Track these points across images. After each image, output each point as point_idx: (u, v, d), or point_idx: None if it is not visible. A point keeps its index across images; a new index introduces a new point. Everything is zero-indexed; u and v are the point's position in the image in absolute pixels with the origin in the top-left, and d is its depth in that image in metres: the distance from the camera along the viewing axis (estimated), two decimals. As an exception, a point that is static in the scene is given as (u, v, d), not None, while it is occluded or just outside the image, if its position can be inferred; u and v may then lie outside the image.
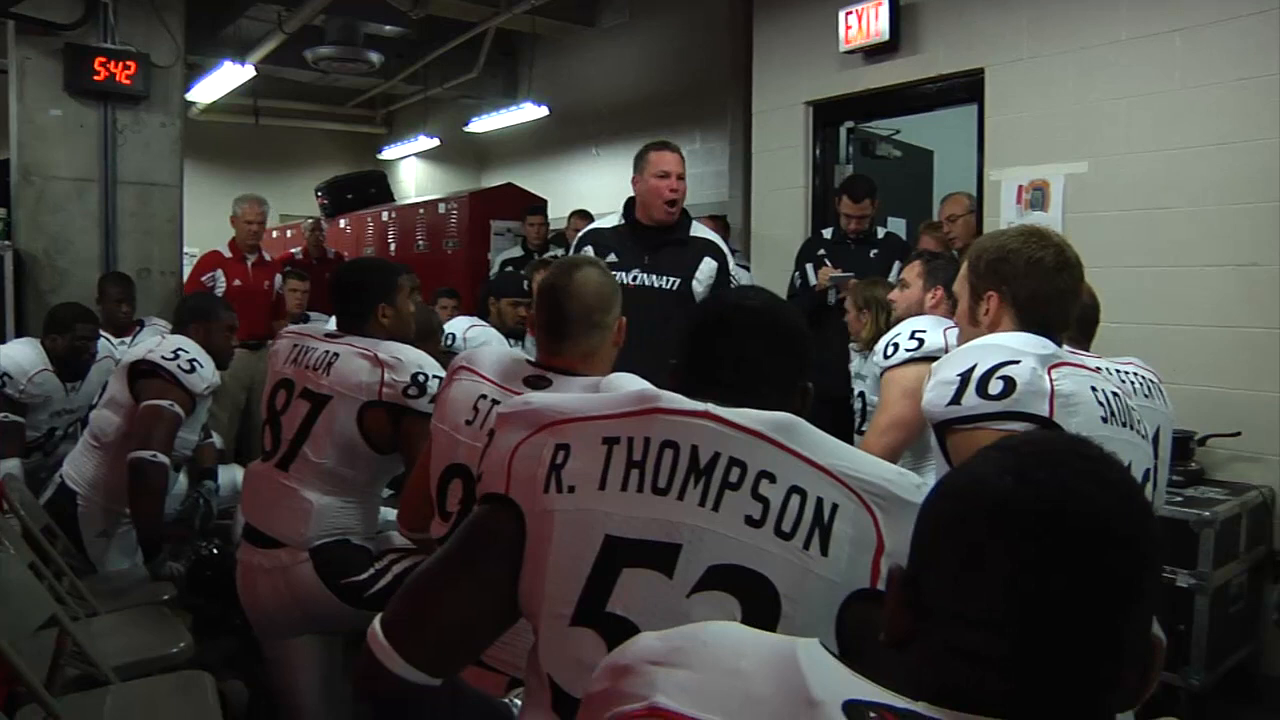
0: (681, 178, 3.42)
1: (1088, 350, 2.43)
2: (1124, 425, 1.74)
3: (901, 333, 3.01)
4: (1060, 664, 0.76)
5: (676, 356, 1.42)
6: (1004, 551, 0.77)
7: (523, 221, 6.99)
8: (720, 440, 1.20)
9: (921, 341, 2.83)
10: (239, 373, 5.37)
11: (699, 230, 3.50)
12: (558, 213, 7.19)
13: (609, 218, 3.58)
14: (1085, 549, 0.76)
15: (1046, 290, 1.82)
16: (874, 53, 4.98)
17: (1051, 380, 1.66)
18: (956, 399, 1.69)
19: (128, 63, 5.57)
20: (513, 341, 4.73)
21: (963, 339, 1.94)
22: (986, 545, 0.78)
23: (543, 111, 8.22)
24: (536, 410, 1.30)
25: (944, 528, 0.83)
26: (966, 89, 4.67)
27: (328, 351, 2.52)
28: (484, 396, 1.93)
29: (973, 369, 1.69)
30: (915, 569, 0.85)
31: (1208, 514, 3.27)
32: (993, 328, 1.85)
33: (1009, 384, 1.64)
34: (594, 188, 8.32)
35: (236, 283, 5.73)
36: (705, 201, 6.90)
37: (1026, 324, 1.81)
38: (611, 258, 3.30)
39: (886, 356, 2.86)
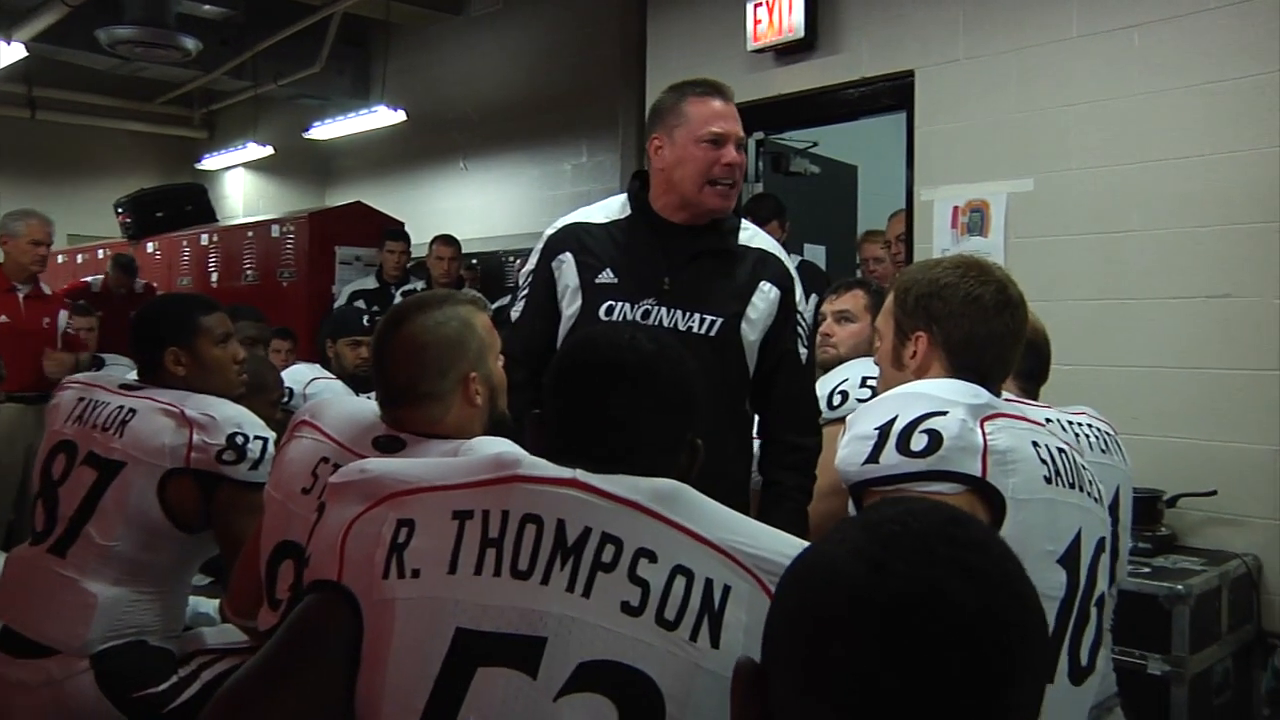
0: (742, 144, 2.64)
1: (1036, 399, 2.50)
2: (1071, 486, 1.78)
3: (850, 378, 3.02)
4: None
5: (542, 406, 1.43)
6: (853, 649, 0.80)
7: (379, 248, 7.05)
8: (591, 513, 1.22)
9: (875, 390, 2.86)
10: (10, 433, 5.17)
11: (754, 235, 2.75)
12: (418, 237, 7.17)
13: (599, 206, 2.78)
14: (943, 650, 0.79)
15: (984, 333, 1.86)
16: (787, 52, 5.10)
17: (985, 434, 1.69)
18: (874, 456, 1.71)
19: None
20: (362, 395, 4.67)
21: (883, 385, 1.98)
22: (834, 642, 0.81)
23: (399, 116, 8.18)
24: (375, 479, 1.31)
25: (792, 618, 0.86)
26: (894, 95, 4.80)
27: (122, 407, 2.47)
28: (325, 459, 1.92)
29: (893, 421, 1.71)
30: (765, 662, 0.88)
31: (1181, 588, 3.28)
32: (920, 373, 1.89)
33: (934, 439, 1.67)
34: (461, 208, 8.33)
35: (3, 319, 5.55)
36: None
37: (959, 370, 1.85)
38: (606, 276, 2.62)
39: (832, 407, 2.88)
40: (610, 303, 2.56)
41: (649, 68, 5.78)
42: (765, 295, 2.63)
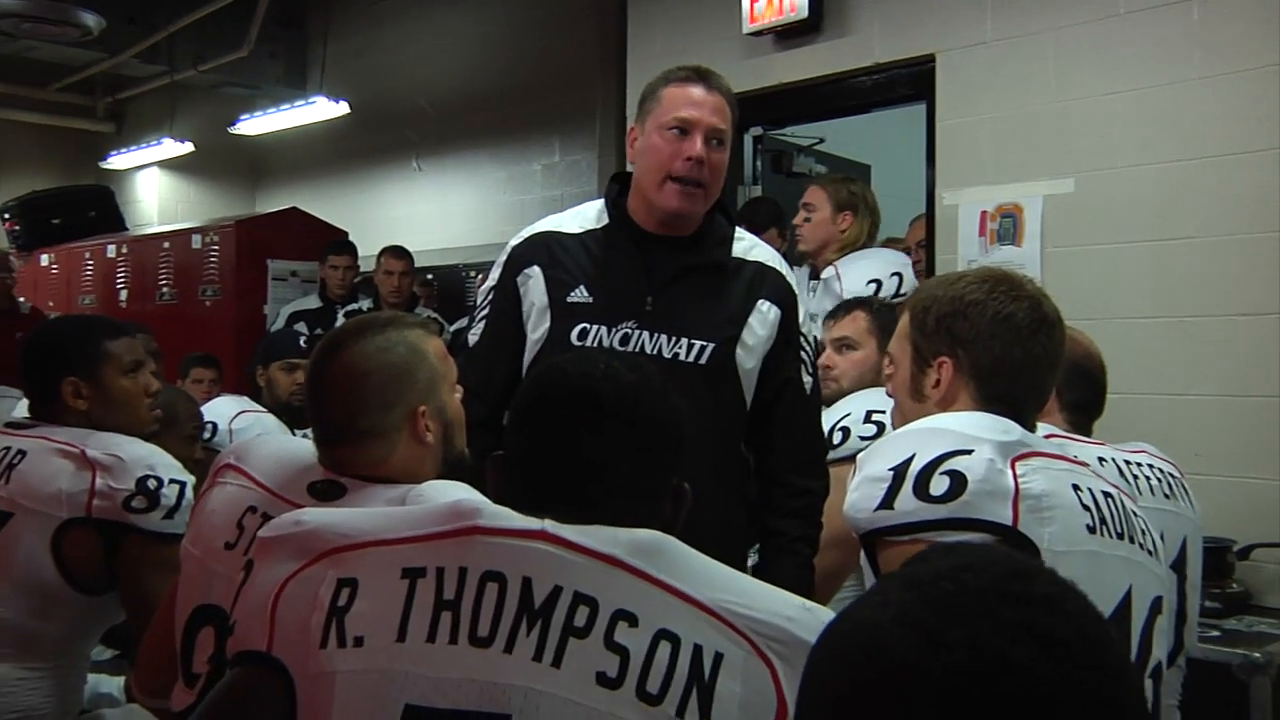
0: (722, 141, 2.63)
1: (1089, 434, 2.49)
2: (1119, 536, 1.78)
3: (852, 413, 3.02)
4: None
5: (504, 446, 1.45)
6: None
7: (320, 262, 7.04)
8: (561, 569, 1.23)
9: (881, 426, 2.86)
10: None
11: (752, 246, 2.78)
12: (365, 249, 7.15)
13: (573, 214, 2.81)
14: None
15: (1017, 357, 1.86)
16: (789, 34, 5.13)
17: (1016, 476, 1.69)
18: (888, 501, 1.71)
19: None
20: (298, 432, 4.66)
21: (899, 419, 1.97)
22: None
23: (342, 109, 8.19)
24: (312, 532, 1.33)
25: (828, 700, 0.83)
26: (912, 83, 4.83)
27: (9, 449, 2.47)
28: (253, 509, 1.91)
29: (909, 462, 1.72)
30: None
31: (1259, 655, 3.22)
32: (944, 404, 1.89)
33: (957, 482, 1.67)
34: (414, 215, 8.34)
35: None
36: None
37: (989, 400, 1.85)
38: (579, 294, 2.64)
39: (832, 445, 2.88)
40: (584, 325, 2.56)
41: (630, 53, 5.81)
42: (764, 316, 2.64)
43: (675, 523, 1.37)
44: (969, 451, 1.70)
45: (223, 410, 4.47)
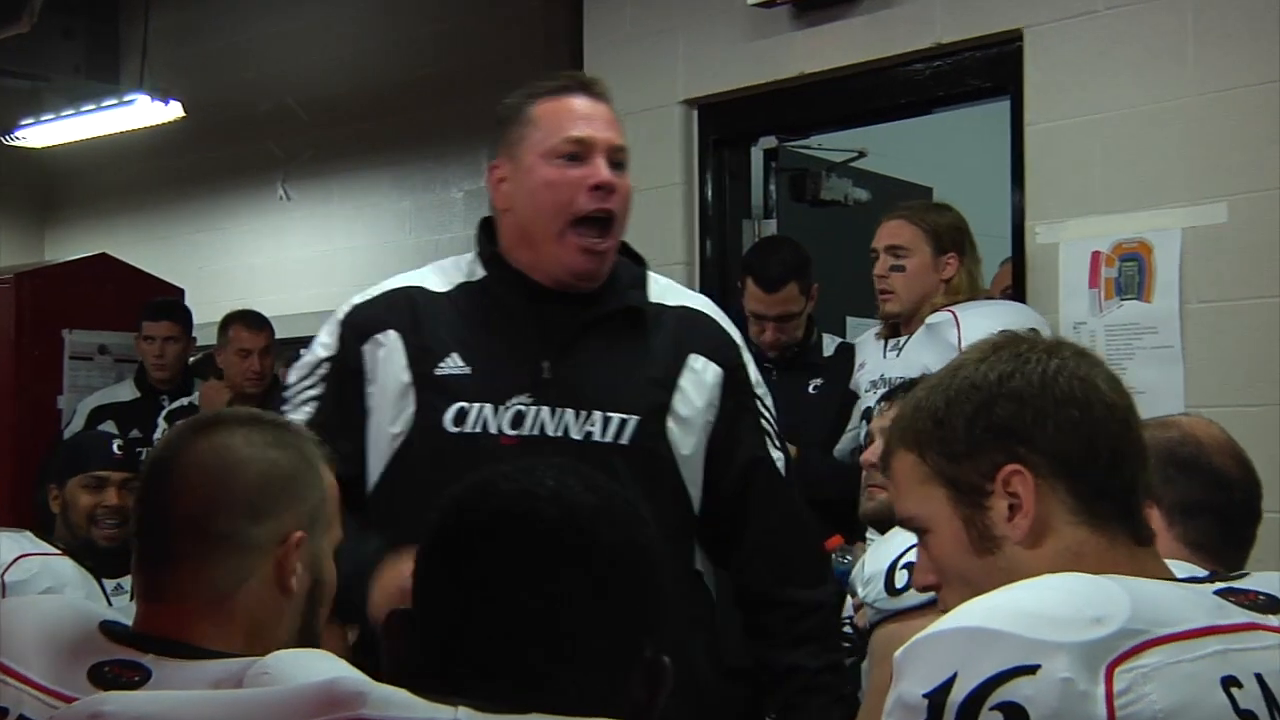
0: (624, 164, 2.85)
1: (1240, 566, 2.46)
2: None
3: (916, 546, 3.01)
4: None
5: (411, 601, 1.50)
6: None
7: (137, 333, 6.98)
8: None
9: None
10: None
11: (668, 288, 3.00)
12: (205, 314, 7.18)
13: (434, 269, 3.00)
14: None
15: (1114, 430, 1.85)
16: (814, 6, 5.18)
17: (1112, 695, 1.67)
18: None
19: None
20: (109, 584, 4.62)
21: (956, 591, 1.92)
22: None
23: (172, 111, 8.18)
24: None
25: None
26: (989, 71, 4.88)
27: None
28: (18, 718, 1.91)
29: (949, 686, 1.68)
30: None
31: None
32: (1035, 539, 1.86)
33: (1015, 717, 1.66)
34: (280, 264, 8.38)
35: None
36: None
37: (1096, 514, 1.83)
38: (452, 365, 2.78)
39: (894, 589, 2.85)
40: (461, 406, 2.70)
41: (588, 28, 5.90)
42: (698, 376, 2.83)
43: (649, 710, 1.35)
44: (1033, 669, 1.66)
45: (-7, 551, 4.44)
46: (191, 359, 7.00)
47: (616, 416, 2.71)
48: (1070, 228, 4.57)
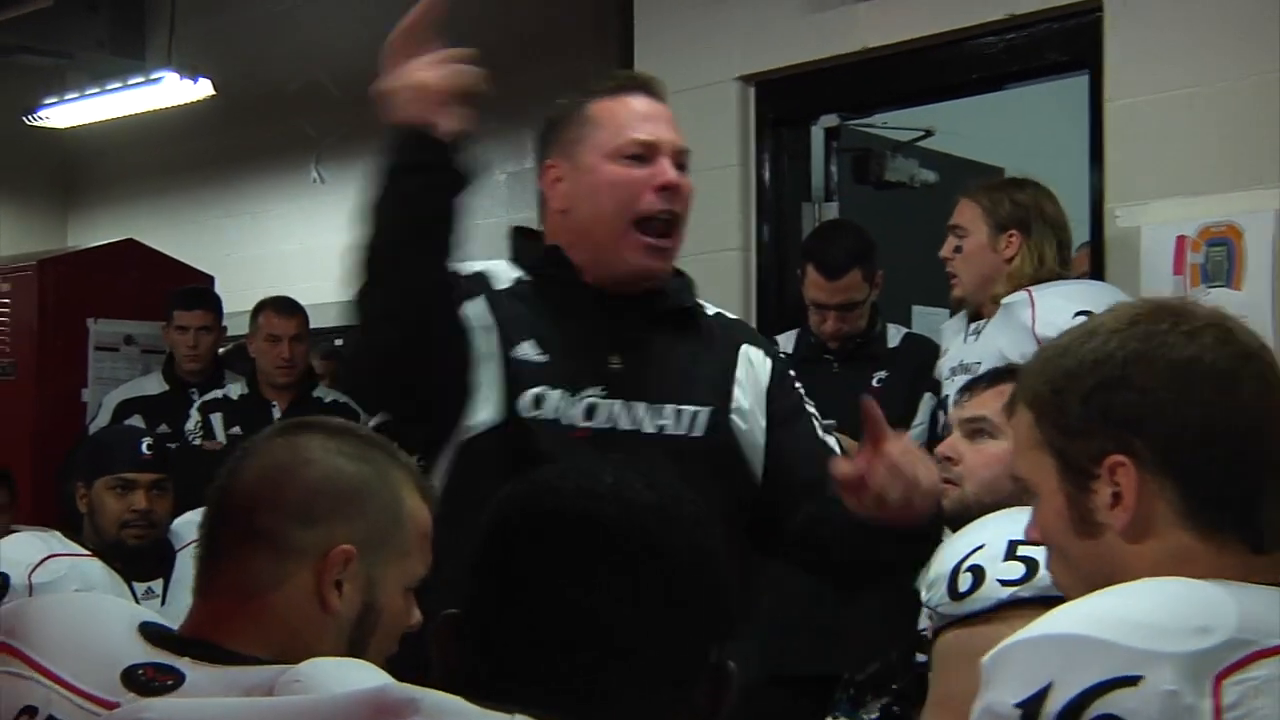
0: (683, 165, 2.94)
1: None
2: None
3: (988, 544, 2.98)
4: None
5: (461, 603, 1.52)
6: None
7: (166, 323, 7.00)
8: None
9: (1031, 565, 2.82)
10: None
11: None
12: (236, 303, 7.21)
13: (487, 266, 3.05)
14: None
15: (1237, 424, 1.83)
16: (877, -23, 5.19)
17: (1220, 708, 1.65)
18: None
19: None
20: (139, 587, 4.64)
21: (1066, 573, 1.92)
22: None
23: (201, 89, 8.23)
24: None
25: None
26: (1066, 44, 4.88)
27: None
28: (30, 713, 1.92)
29: (1043, 696, 1.67)
30: None
31: None
32: (1138, 535, 1.85)
33: None
34: (312, 250, 8.38)
35: None
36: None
37: (1208, 517, 1.80)
38: (528, 350, 2.85)
39: (957, 594, 2.85)
40: (538, 391, 2.77)
41: (638, 4, 5.89)
42: (753, 369, 2.97)
43: (712, 718, 1.35)
44: (1135, 680, 1.65)
45: (18, 554, 4.46)
46: (221, 349, 6.99)
47: (689, 409, 2.81)
48: (1153, 210, 4.56)
